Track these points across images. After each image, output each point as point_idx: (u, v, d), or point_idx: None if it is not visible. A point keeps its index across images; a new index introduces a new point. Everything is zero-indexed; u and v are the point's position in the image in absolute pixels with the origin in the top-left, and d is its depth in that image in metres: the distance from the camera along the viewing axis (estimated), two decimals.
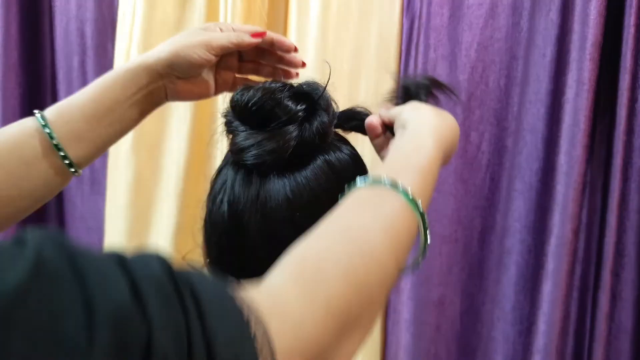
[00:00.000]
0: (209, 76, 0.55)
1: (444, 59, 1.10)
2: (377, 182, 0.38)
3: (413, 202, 0.37)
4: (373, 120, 0.50)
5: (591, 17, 0.96)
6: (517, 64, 1.09)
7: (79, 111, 0.50)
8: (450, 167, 1.11)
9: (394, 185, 0.37)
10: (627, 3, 0.97)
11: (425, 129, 0.44)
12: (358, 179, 0.39)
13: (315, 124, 0.46)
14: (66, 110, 0.50)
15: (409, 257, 0.38)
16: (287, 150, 0.45)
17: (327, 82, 0.49)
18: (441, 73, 1.10)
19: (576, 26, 0.99)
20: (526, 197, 1.07)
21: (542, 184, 1.06)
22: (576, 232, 1.00)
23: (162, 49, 0.52)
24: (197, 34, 0.53)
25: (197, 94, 0.56)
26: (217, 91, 0.58)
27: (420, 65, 1.10)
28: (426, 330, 1.11)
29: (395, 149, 0.43)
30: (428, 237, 0.39)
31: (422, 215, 0.38)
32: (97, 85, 0.51)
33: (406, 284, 1.11)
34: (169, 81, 0.53)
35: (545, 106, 1.05)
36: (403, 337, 1.12)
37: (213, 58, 0.52)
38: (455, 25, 1.10)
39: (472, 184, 1.11)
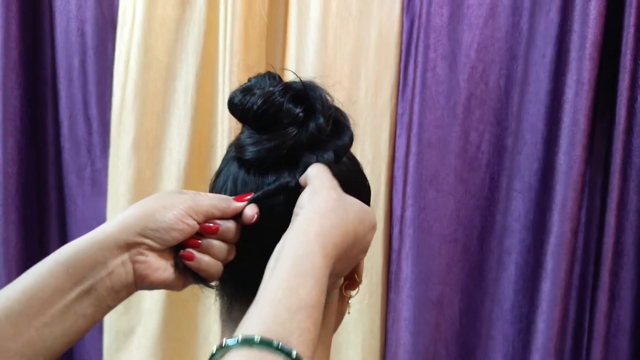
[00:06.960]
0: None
1: (443, 58, 1.10)
2: (252, 344, 0.31)
3: None
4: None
5: (591, 17, 0.97)
6: (516, 64, 1.09)
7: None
8: (450, 167, 1.11)
9: (275, 348, 0.31)
10: (627, 3, 0.97)
11: (311, 231, 0.38)
12: (227, 340, 0.32)
13: (314, 124, 0.48)
14: None
15: None
16: (285, 148, 0.47)
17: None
18: (441, 73, 1.10)
19: (576, 26, 0.99)
20: (525, 196, 1.07)
21: (542, 183, 1.06)
22: (575, 232, 1.01)
23: (126, 214, 0.42)
24: (172, 196, 0.45)
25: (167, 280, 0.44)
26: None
27: (420, 65, 1.10)
28: (425, 329, 1.12)
29: (272, 270, 0.36)
30: None
31: None
32: (30, 276, 0.39)
33: (406, 283, 1.11)
34: (138, 253, 0.42)
35: (545, 106, 1.05)
36: (402, 335, 1.12)
37: (197, 226, 0.44)
38: (455, 25, 1.10)
39: (471, 183, 1.11)
